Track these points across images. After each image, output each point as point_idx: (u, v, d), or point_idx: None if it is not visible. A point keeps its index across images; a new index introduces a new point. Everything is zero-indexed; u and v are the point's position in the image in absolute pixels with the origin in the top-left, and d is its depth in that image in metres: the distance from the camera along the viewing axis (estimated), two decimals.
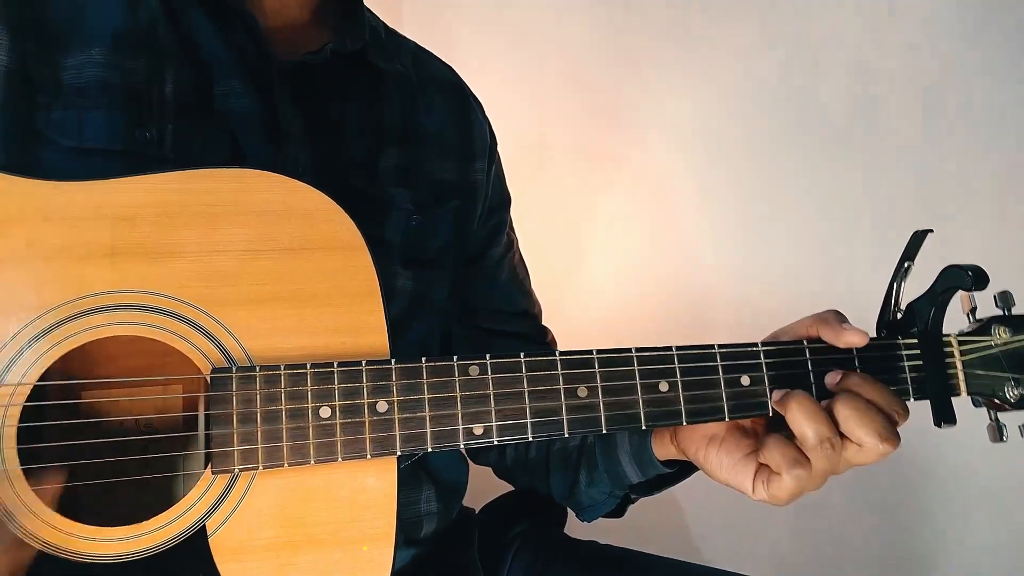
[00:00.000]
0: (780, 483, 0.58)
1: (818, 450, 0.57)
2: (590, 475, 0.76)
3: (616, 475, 0.74)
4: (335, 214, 0.57)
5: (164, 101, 0.63)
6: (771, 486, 0.59)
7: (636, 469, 0.72)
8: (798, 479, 0.57)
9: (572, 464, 0.78)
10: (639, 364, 0.59)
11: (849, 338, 0.61)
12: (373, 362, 0.55)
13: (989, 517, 1.44)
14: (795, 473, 0.57)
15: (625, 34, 1.37)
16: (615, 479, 0.74)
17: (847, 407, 0.57)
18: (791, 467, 0.57)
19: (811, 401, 0.58)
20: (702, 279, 1.39)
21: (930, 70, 1.43)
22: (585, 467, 0.77)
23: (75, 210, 0.53)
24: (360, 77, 0.73)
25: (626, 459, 0.72)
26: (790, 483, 0.58)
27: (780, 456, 0.57)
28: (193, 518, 0.53)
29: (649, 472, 0.71)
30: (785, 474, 0.57)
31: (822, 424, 0.57)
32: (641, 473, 0.72)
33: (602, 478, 0.75)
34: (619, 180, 1.38)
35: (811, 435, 0.57)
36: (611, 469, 0.74)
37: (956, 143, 1.43)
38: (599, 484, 0.76)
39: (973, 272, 0.61)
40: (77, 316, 0.52)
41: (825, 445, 0.57)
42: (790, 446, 0.58)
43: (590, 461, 0.76)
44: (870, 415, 0.57)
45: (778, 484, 0.58)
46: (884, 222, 1.35)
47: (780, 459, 0.57)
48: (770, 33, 1.40)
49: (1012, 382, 0.64)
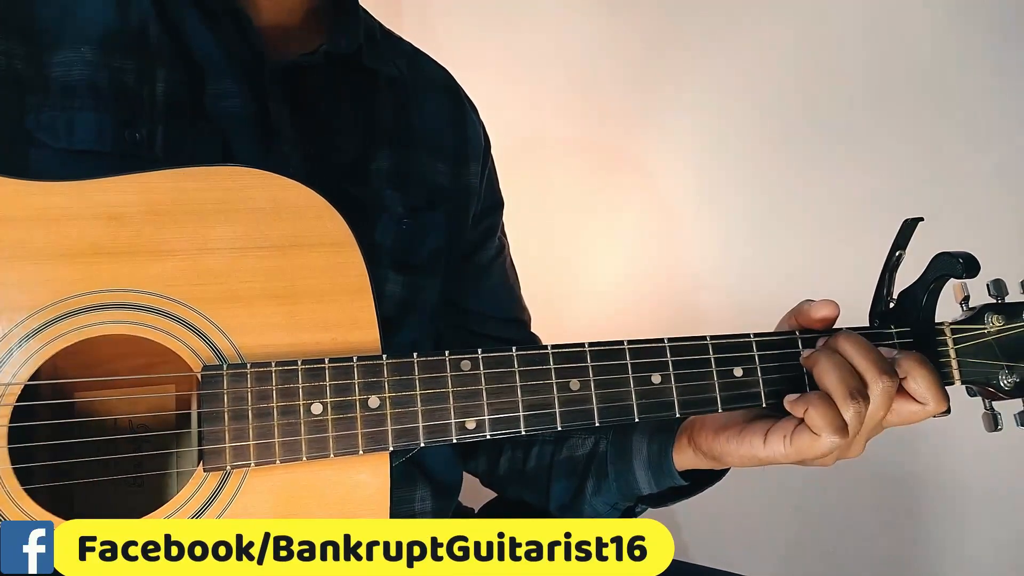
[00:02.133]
0: (816, 442, 0.56)
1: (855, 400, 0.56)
2: (598, 484, 0.75)
3: (626, 484, 0.72)
4: (324, 211, 0.57)
5: (155, 102, 0.63)
6: (796, 440, 0.57)
7: (650, 478, 0.71)
8: (834, 445, 0.56)
9: (579, 472, 0.77)
10: (631, 356, 0.59)
11: (821, 312, 0.61)
12: (364, 358, 0.55)
13: (989, 519, 1.43)
14: (834, 440, 0.56)
15: (624, 34, 1.37)
16: (624, 489, 0.73)
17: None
18: (833, 432, 0.55)
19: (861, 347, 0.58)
20: (700, 279, 1.39)
21: (930, 70, 1.43)
22: (594, 475, 0.75)
23: (65, 210, 0.53)
24: (353, 78, 0.73)
25: (641, 467, 0.71)
26: (826, 445, 0.56)
27: (824, 417, 0.56)
28: (185, 516, 0.53)
29: (663, 483, 0.70)
30: (826, 437, 0.56)
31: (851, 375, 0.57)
32: (655, 484, 0.71)
33: (610, 487, 0.74)
34: (618, 180, 1.38)
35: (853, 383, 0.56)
36: (622, 478, 0.72)
37: (954, 141, 1.43)
38: (606, 494, 0.74)
39: (964, 259, 0.61)
40: (67, 316, 0.52)
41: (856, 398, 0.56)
42: (835, 410, 0.56)
43: (600, 470, 0.75)
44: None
45: (813, 442, 0.57)
46: (883, 220, 1.35)
47: (824, 421, 0.56)
48: (769, 33, 1.40)
49: (1006, 370, 0.63)
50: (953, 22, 1.43)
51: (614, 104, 1.37)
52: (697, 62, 1.39)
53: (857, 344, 0.58)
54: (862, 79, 1.42)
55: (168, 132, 0.63)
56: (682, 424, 0.68)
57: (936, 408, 0.59)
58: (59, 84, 0.61)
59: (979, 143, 1.44)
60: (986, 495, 1.42)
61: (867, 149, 1.42)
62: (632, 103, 1.37)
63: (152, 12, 0.64)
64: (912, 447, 1.38)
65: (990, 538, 1.43)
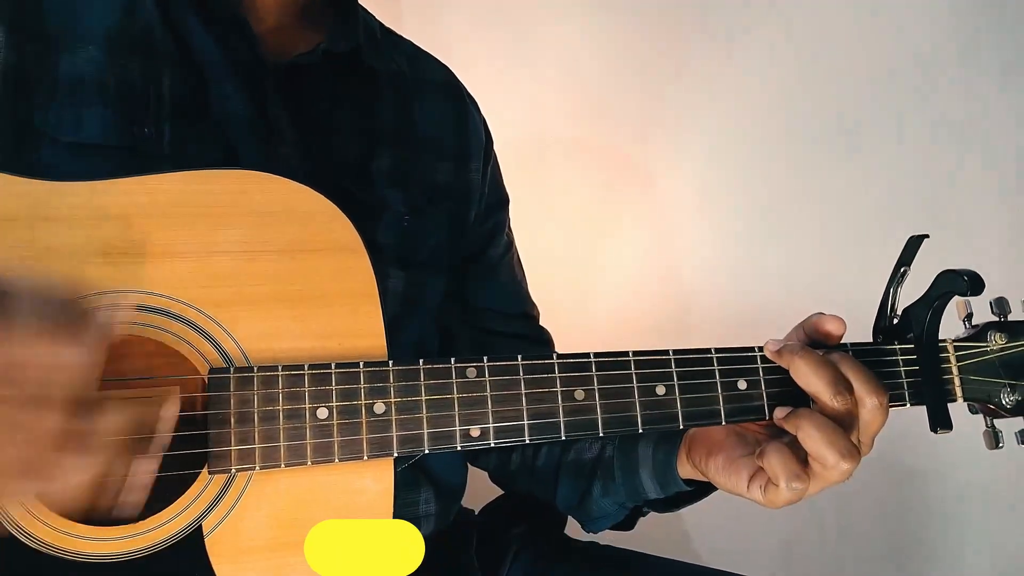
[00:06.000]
0: (778, 492, 0.58)
1: (836, 469, 0.56)
2: (605, 487, 0.75)
3: (634, 489, 0.73)
4: (334, 216, 0.57)
5: (161, 101, 0.63)
6: (768, 493, 0.59)
7: (657, 485, 0.71)
8: (796, 492, 0.57)
9: (586, 474, 0.77)
10: (636, 367, 0.59)
11: (827, 326, 0.62)
12: (371, 363, 0.55)
13: (990, 520, 1.44)
14: (793, 486, 0.57)
15: (625, 35, 1.37)
16: (632, 493, 0.73)
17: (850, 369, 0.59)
18: (790, 480, 0.57)
19: (824, 421, 0.57)
20: (702, 282, 1.39)
21: (931, 73, 1.43)
22: (600, 479, 0.76)
23: (73, 210, 0.53)
24: (353, 77, 0.73)
25: (647, 475, 0.71)
26: (787, 495, 0.58)
27: (780, 467, 0.57)
28: (189, 518, 0.53)
29: (671, 489, 0.71)
30: (783, 485, 0.57)
31: (841, 439, 0.56)
32: (662, 490, 0.71)
33: (618, 489, 0.74)
34: (618, 182, 1.38)
35: (830, 457, 0.56)
36: (630, 483, 0.73)
37: (955, 148, 1.44)
38: (614, 495, 0.75)
39: (969, 277, 0.61)
40: None
41: (845, 461, 0.56)
42: (791, 458, 0.57)
43: (606, 474, 0.75)
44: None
45: (775, 492, 0.58)
46: (885, 228, 1.35)
47: (780, 470, 0.57)
48: (770, 34, 1.40)
49: (1008, 388, 0.64)
50: (955, 24, 1.43)
51: (615, 106, 1.37)
52: (699, 64, 1.39)
53: (821, 429, 0.58)
54: (864, 84, 1.42)
55: (174, 131, 0.63)
56: (684, 435, 0.69)
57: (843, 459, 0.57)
58: (67, 82, 0.61)
59: (982, 154, 1.44)
60: (986, 496, 1.43)
61: (869, 155, 1.43)
62: (633, 105, 1.37)
63: (157, 15, 0.64)
64: (913, 448, 1.38)
65: (989, 539, 1.44)
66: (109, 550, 0.51)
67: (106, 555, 0.51)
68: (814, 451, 0.57)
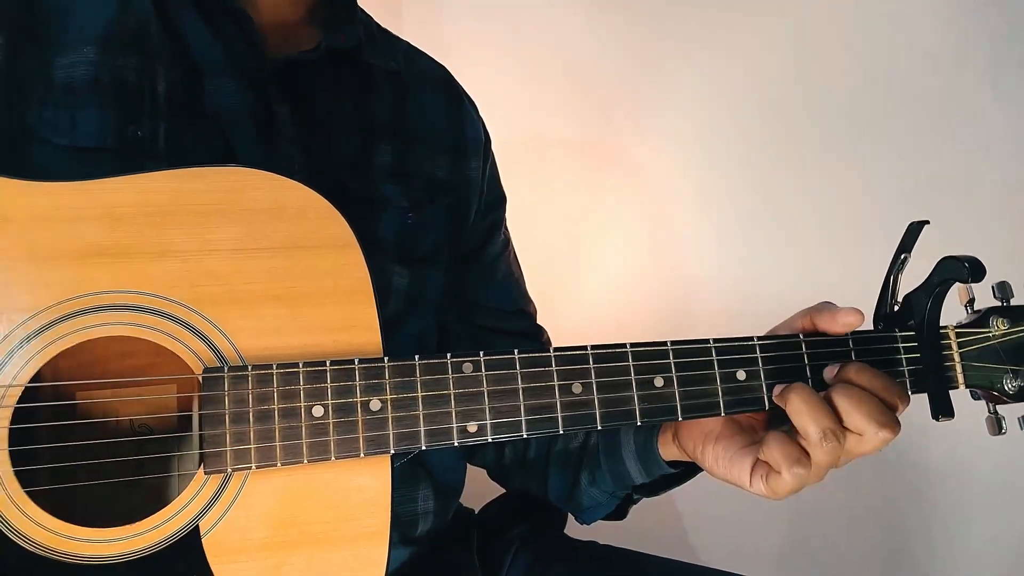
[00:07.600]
0: (780, 480, 0.58)
1: (821, 445, 0.56)
2: (592, 475, 0.76)
3: (619, 475, 0.73)
4: (327, 212, 0.57)
5: (156, 99, 0.63)
6: (770, 482, 0.59)
7: (640, 469, 0.72)
8: (798, 477, 0.57)
9: (573, 464, 0.78)
10: (633, 360, 0.59)
11: (846, 319, 0.61)
12: (366, 360, 0.55)
13: (990, 516, 1.43)
14: (795, 471, 0.57)
15: (623, 34, 1.37)
16: (618, 479, 0.74)
17: (845, 397, 0.57)
18: (791, 465, 0.57)
19: (812, 393, 0.57)
20: (700, 279, 1.38)
21: (929, 70, 1.43)
22: (587, 468, 0.76)
23: (66, 210, 0.53)
24: (352, 74, 0.73)
25: (631, 459, 0.72)
26: (790, 480, 0.57)
27: (780, 454, 0.57)
28: (186, 518, 0.53)
29: (654, 472, 0.71)
30: (785, 472, 0.57)
31: (824, 417, 0.56)
32: (646, 473, 0.72)
33: (605, 478, 0.75)
34: (616, 179, 1.38)
35: (813, 430, 0.56)
36: (614, 469, 0.73)
37: (955, 141, 1.43)
38: (601, 484, 0.75)
39: (970, 263, 0.60)
40: (69, 317, 0.52)
41: (828, 438, 0.56)
42: (791, 444, 0.57)
43: (592, 462, 0.76)
44: (868, 403, 0.56)
45: (778, 481, 0.58)
46: (883, 222, 1.34)
47: (780, 457, 0.57)
48: (769, 32, 1.40)
49: (1011, 374, 0.63)
50: (954, 21, 1.43)
51: (612, 105, 1.37)
52: (695, 62, 1.38)
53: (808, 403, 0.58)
54: (860, 79, 1.42)
55: (170, 130, 0.63)
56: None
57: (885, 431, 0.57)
58: (62, 82, 0.61)
59: (981, 144, 1.43)
60: (988, 492, 1.42)
61: (866, 150, 1.42)
62: (630, 104, 1.37)
63: (152, 11, 0.64)
64: (916, 443, 1.38)
65: (991, 535, 1.43)
66: (107, 551, 0.51)
67: (104, 556, 0.51)
68: (800, 425, 0.57)
